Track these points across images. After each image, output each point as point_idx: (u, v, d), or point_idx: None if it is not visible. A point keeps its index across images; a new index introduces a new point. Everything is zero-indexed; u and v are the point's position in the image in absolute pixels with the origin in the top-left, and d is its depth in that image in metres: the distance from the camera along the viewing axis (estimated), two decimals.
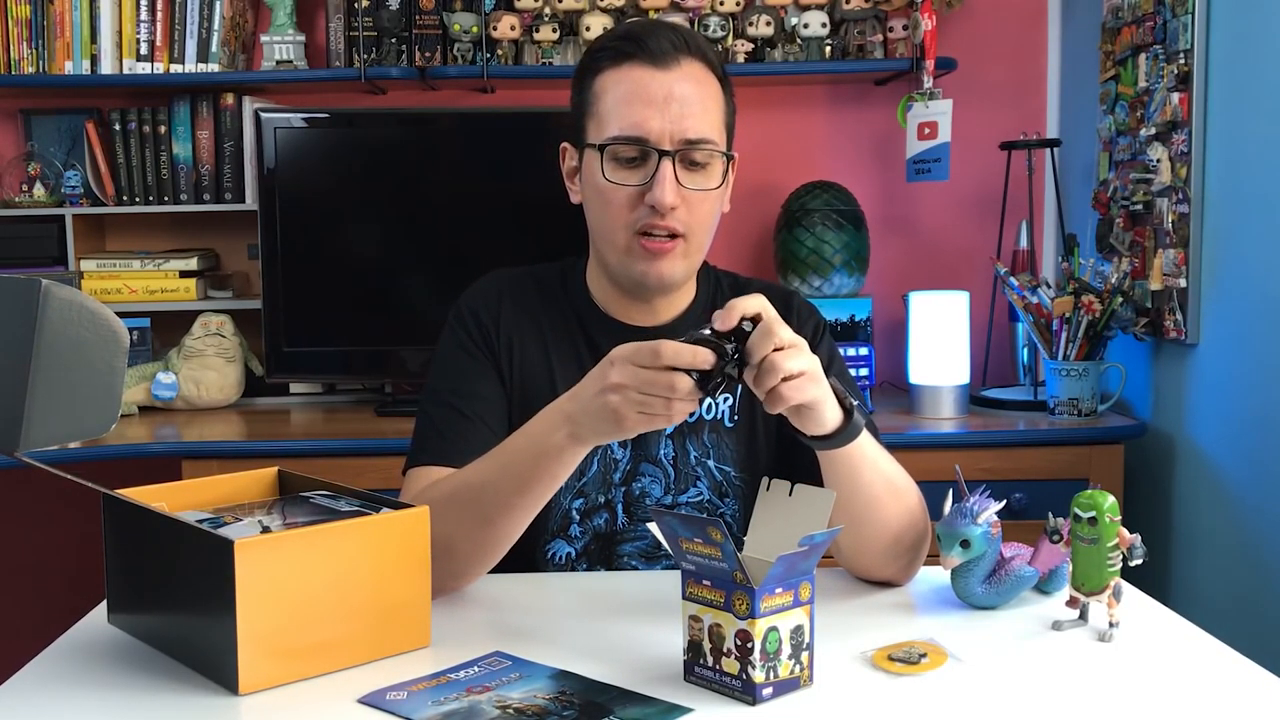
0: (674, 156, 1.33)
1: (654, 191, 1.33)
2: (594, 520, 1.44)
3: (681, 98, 1.33)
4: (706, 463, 1.45)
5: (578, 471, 1.41)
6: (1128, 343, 2.43)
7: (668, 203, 1.32)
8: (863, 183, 2.78)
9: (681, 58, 1.35)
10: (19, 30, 2.62)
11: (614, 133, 1.34)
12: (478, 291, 1.50)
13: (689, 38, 1.37)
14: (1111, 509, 1.15)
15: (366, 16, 2.63)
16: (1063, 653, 1.12)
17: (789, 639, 1.01)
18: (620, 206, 1.35)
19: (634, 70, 1.34)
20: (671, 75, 1.34)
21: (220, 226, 2.78)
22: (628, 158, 1.34)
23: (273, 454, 2.20)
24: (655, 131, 1.33)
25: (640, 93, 1.33)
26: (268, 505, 1.24)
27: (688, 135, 1.33)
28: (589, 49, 1.42)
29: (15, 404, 1.01)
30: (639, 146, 1.33)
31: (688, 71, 1.35)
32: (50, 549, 2.87)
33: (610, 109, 1.35)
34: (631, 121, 1.33)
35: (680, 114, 1.33)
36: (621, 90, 1.35)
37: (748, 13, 2.66)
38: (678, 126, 1.33)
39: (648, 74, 1.34)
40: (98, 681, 1.07)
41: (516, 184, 2.54)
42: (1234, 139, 2.08)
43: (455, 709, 0.99)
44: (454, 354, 1.45)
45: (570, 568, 1.44)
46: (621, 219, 1.36)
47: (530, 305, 1.47)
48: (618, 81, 1.35)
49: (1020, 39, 2.81)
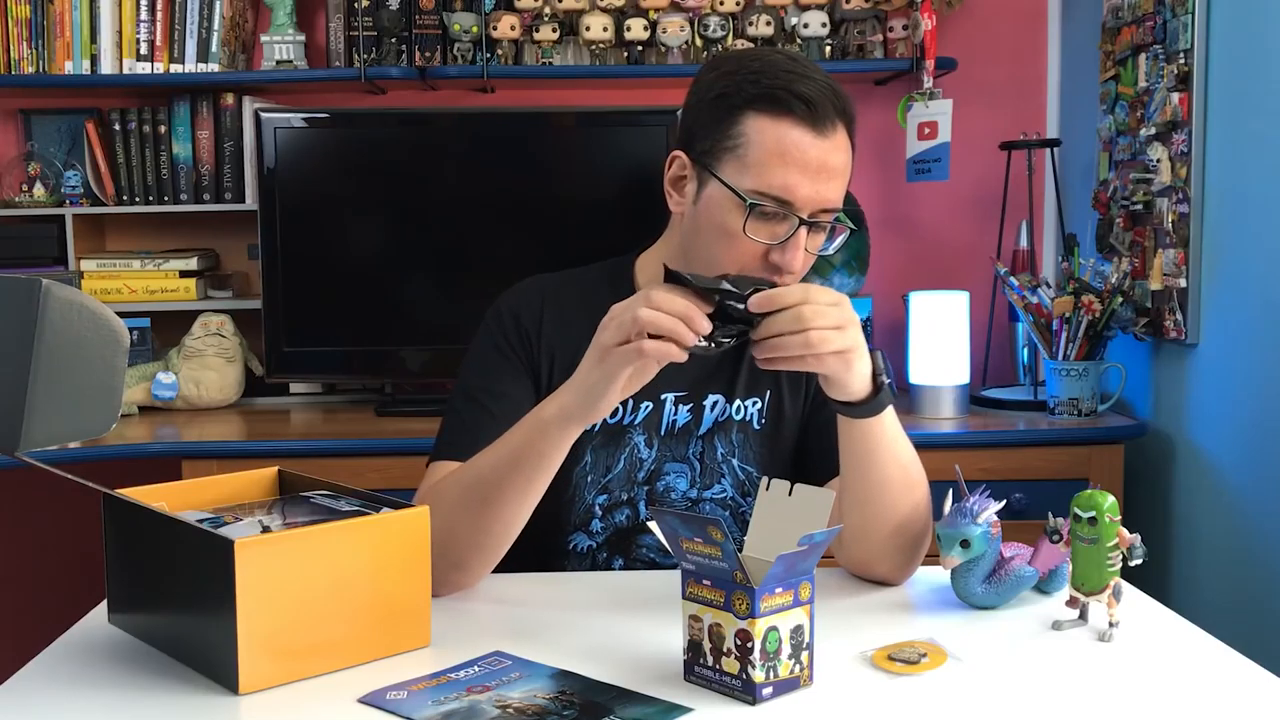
0: (811, 226, 1.32)
1: (786, 256, 1.31)
2: (615, 516, 1.45)
3: (833, 169, 1.31)
4: (731, 461, 1.46)
5: (603, 468, 1.43)
6: (1128, 343, 2.43)
7: (797, 270, 1.32)
8: (863, 183, 2.78)
9: (838, 123, 1.31)
10: (19, 30, 2.62)
11: (762, 188, 1.30)
12: (519, 293, 1.49)
13: (844, 100, 1.33)
14: (1111, 509, 1.15)
15: (366, 16, 2.63)
16: (1063, 653, 1.12)
17: (789, 639, 1.01)
18: (746, 255, 1.33)
19: (793, 130, 1.29)
20: (828, 144, 1.30)
21: (220, 226, 2.78)
22: (767, 213, 1.31)
23: (273, 454, 2.20)
24: (803, 199, 1.30)
25: (798, 157, 1.29)
26: (268, 505, 1.24)
27: (828, 205, 1.32)
28: (733, 71, 1.35)
29: (15, 404, 1.01)
30: (783, 209, 1.31)
31: (840, 141, 1.32)
32: (50, 549, 2.87)
33: (761, 160, 1.30)
34: (784, 184, 1.29)
35: (827, 183, 1.31)
36: (777, 147, 1.30)
37: (748, 13, 2.66)
38: (823, 198, 1.31)
39: (807, 139, 1.29)
40: (98, 681, 1.07)
41: (516, 184, 2.54)
42: (1234, 139, 2.08)
43: (455, 709, 0.99)
44: (488, 353, 1.45)
45: (590, 557, 1.46)
46: (734, 260, 1.33)
47: (574, 312, 1.44)
48: (774, 136, 1.30)
49: (1020, 39, 2.81)
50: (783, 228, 1.31)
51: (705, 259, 1.35)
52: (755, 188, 1.30)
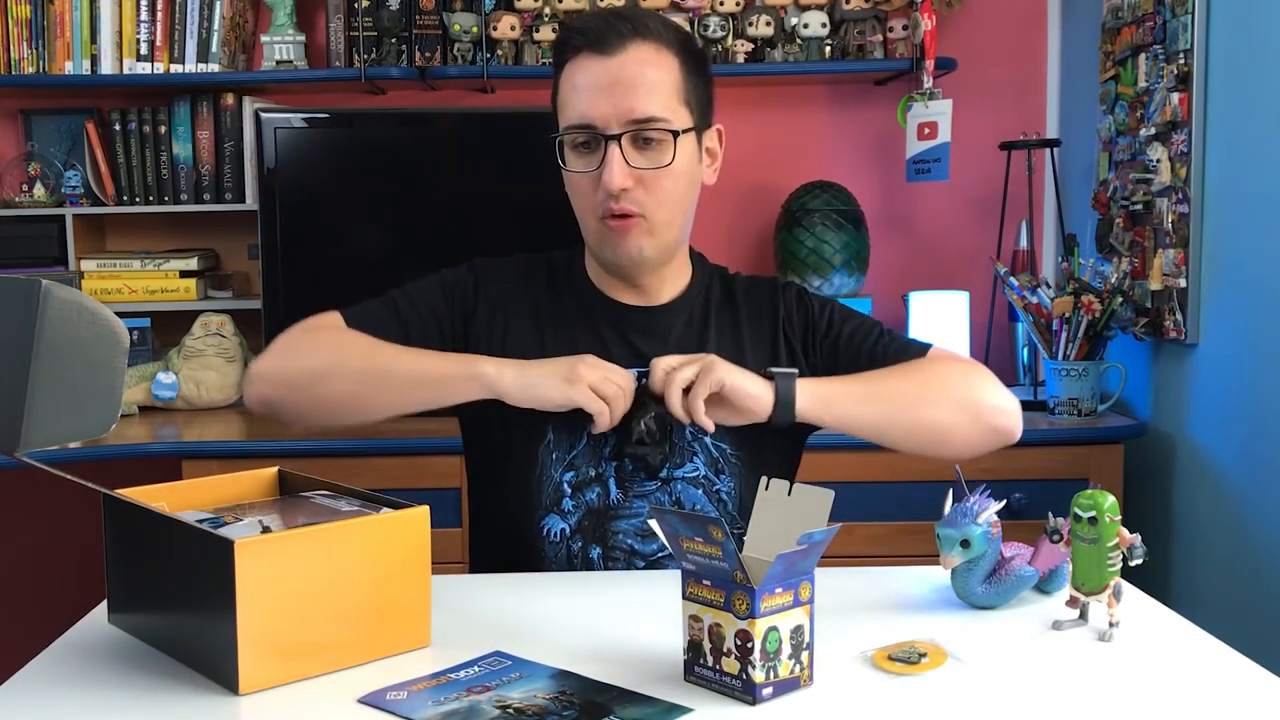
0: (619, 139, 1.37)
1: (602, 176, 1.38)
2: (586, 494, 1.45)
3: (627, 80, 1.38)
4: (703, 439, 1.45)
5: (566, 444, 1.44)
6: (1128, 343, 2.43)
7: (615, 186, 1.38)
8: (863, 183, 2.78)
9: (628, 43, 1.39)
10: (19, 30, 2.62)
11: (567, 123, 1.41)
12: (497, 260, 1.57)
13: (637, 22, 1.41)
14: (1111, 509, 1.15)
15: (366, 16, 2.63)
16: (1063, 653, 1.12)
17: (789, 639, 1.01)
18: (584, 193, 1.43)
19: (580, 63, 1.40)
20: (616, 60, 1.38)
21: (220, 226, 2.78)
22: (581, 143, 1.41)
23: (273, 454, 2.20)
24: (601, 117, 1.38)
25: (587, 82, 1.39)
26: (268, 505, 1.24)
27: (634, 116, 1.38)
28: (553, 46, 1.48)
29: (15, 404, 1.01)
30: (588, 133, 1.39)
31: (634, 55, 1.39)
32: (50, 549, 2.87)
33: (565, 100, 1.42)
34: (580, 110, 1.39)
35: (625, 96, 1.37)
36: (569, 83, 1.41)
37: (748, 13, 2.66)
38: (623, 109, 1.37)
39: (595, 62, 1.39)
40: (98, 681, 1.07)
41: (516, 184, 2.54)
42: (1234, 139, 2.08)
43: (455, 709, 0.99)
44: (435, 281, 1.53)
45: (565, 545, 1.45)
46: (587, 205, 1.43)
47: (538, 287, 1.52)
48: (571, 74, 1.41)
49: (1020, 39, 2.82)
50: (598, 153, 1.39)
51: (579, 220, 1.47)
52: (564, 125, 1.42)
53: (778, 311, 1.52)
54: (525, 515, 1.45)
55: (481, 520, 1.57)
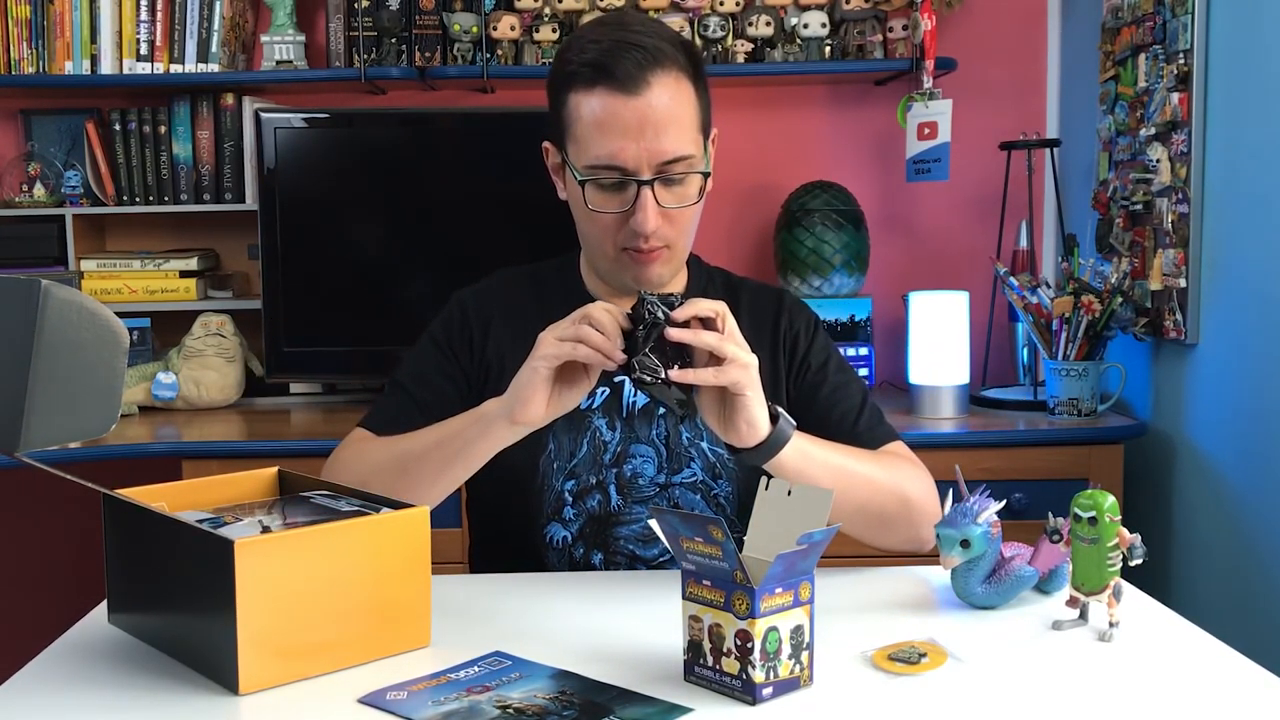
0: (652, 184, 1.35)
1: (636, 218, 1.35)
2: (587, 502, 1.45)
3: (656, 122, 1.33)
4: (699, 444, 1.46)
5: (567, 453, 1.44)
6: (1127, 343, 2.43)
7: (650, 230, 1.35)
8: (863, 183, 2.78)
9: (649, 77, 1.33)
10: (19, 30, 2.62)
11: (591, 162, 1.35)
12: (477, 291, 1.54)
13: (650, 47, 1.34)
14: (1111, 509, 1.15)
15: (366, 16, 2.63)
16: (1063, 653, 1.12)
17: (789, 639, 1.01)
18: (604, 226, 1.39)
19: (604, 99, 1.34)
20: (641, 101, 1.33)
21: (220, 226, 2.78)
22: (608, 184, 1.36)
23: (273, 454, 2.20)
24: (632, 160, 1.34)
25: (613, 123, 1.33)
26: (268, 505, 1.24)
27: (664, 158, 1.34)
28: (559, 55, 1.41)
29: (15, 404, 1.01)
30: (617, 174, 1.35)
31: (658, 90, 1.34)
32: (50, 549, 2.87)
33: (586, 136, 1.36)
34: (608, 152, 1.34)
35: (655, 137, 1.33)
36: (595, 118, 1.34)
37: (748, 13, 2.66)
38: (653, 151, 1.34)
39: (618, 102, 1.33)
40: (98, 681, 1.07)
41: (516, 184, 2.54)
42: (1234, 139, 2.08)
43: (455, 709, 0.99)
44: (427, 346, 1.51)
45: (568, 552, 1.45)
46: (606, 236, 1.39)
47: (527, 305, 1.49)
48: (590, 108, 1.35)
49: (1020, 39, 2.81)
50: (627, 194, 1.36)
51: (585, 241, 1.44)
52: (588, 163, 1.36)
53: (779, 324, 1.51)
54: (527, 524, 1.45)
55: (483, 529, 1.57)
